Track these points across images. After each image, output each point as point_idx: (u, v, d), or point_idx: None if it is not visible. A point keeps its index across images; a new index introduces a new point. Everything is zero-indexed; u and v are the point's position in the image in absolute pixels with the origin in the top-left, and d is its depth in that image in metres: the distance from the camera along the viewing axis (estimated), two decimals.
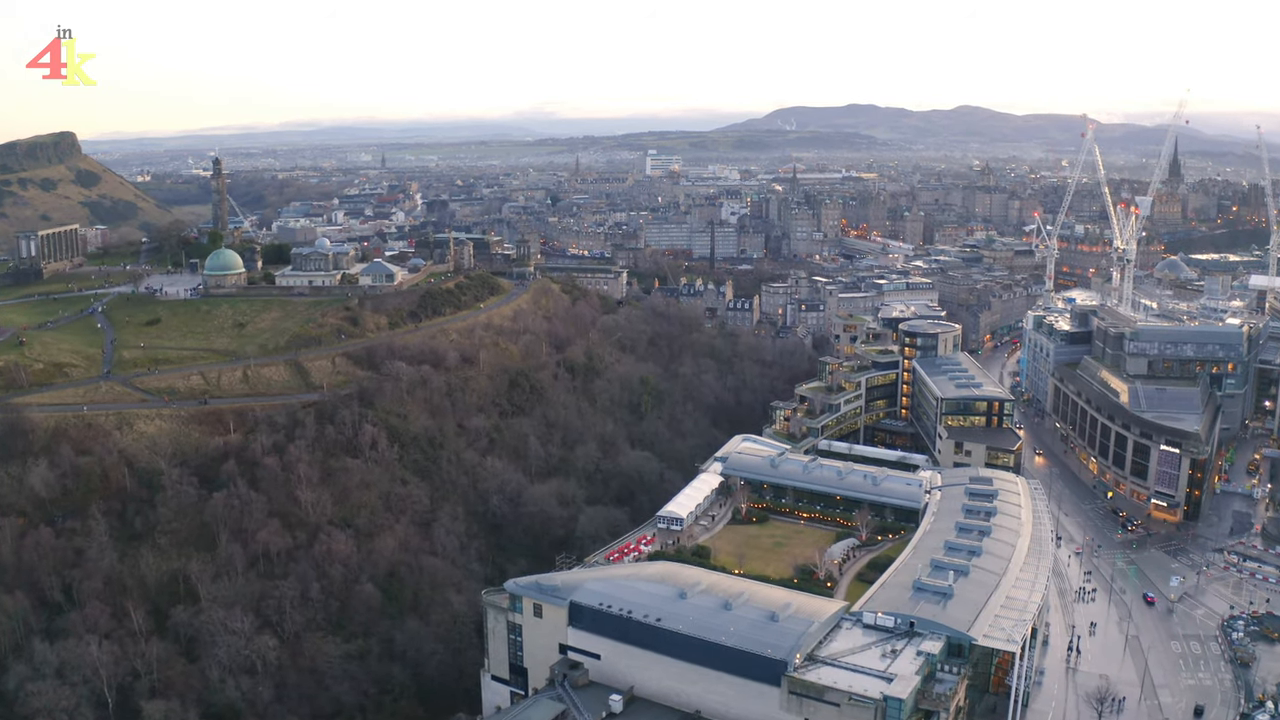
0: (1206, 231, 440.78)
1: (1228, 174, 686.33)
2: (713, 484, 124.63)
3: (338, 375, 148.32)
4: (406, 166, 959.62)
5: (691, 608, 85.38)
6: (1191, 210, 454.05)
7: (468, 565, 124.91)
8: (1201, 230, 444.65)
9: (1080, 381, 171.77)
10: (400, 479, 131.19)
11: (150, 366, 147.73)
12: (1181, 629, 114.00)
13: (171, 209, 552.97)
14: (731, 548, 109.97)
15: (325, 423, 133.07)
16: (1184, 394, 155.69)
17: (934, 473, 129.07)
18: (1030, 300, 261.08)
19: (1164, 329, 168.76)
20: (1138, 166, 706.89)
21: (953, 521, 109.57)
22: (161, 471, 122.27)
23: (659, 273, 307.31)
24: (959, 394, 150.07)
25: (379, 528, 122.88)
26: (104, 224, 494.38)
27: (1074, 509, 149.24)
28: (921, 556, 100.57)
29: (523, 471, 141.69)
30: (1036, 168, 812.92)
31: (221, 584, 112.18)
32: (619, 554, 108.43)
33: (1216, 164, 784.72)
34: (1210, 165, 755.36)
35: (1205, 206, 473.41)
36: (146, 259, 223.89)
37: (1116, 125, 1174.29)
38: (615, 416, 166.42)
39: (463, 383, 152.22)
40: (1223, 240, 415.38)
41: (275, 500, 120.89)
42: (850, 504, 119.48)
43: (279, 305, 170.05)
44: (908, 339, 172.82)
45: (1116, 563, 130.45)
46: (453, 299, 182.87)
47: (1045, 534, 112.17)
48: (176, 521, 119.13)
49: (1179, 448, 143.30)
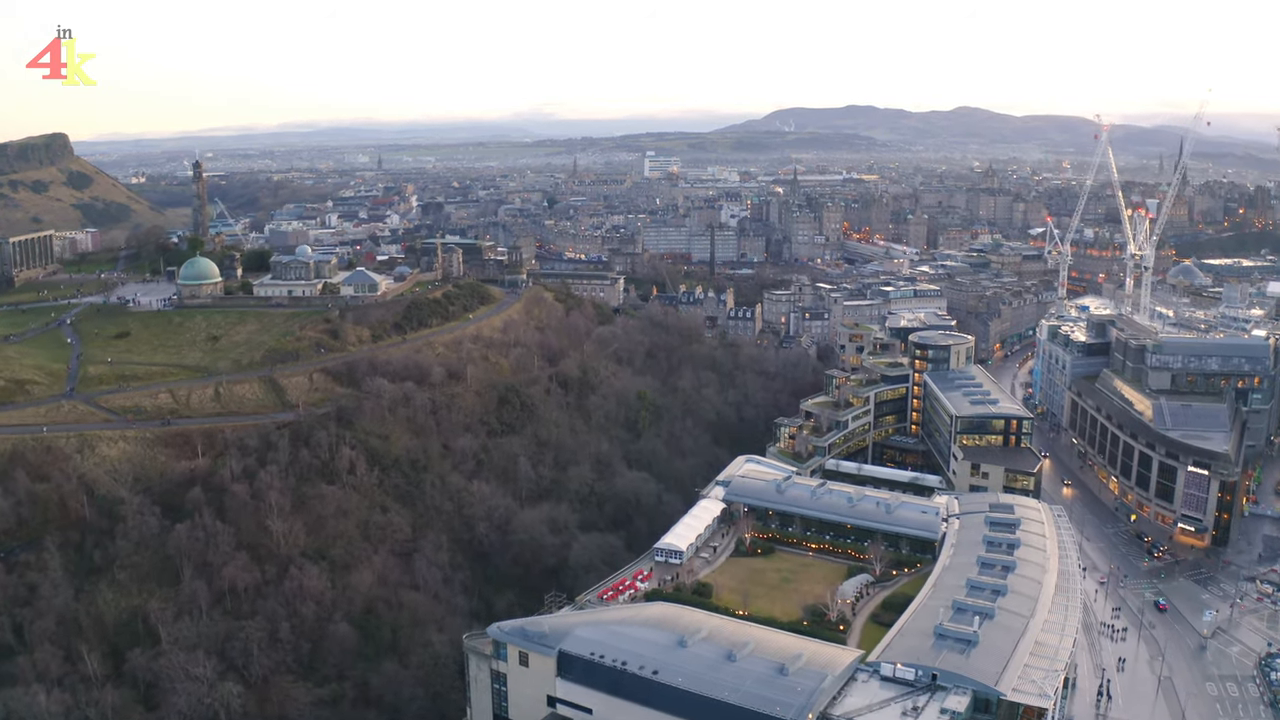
0: (1214, 235, 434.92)
1: (1229, 176, 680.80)
2: (714, 511, 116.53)
3: (315, 393, 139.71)
4: (403, 168, 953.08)
5: (692, 658, 77.88)
6: (1198, 213, 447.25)
7: (451, 599, 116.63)
8: (1209, 233, 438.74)
9: (1099, 396, 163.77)
10: (380, 506, 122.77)
11: (117, 383, 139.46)
12: (1217, 668, 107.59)
13: (165, 211, 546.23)
14: (735, 584, 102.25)
15: (300, 445, 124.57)
16: (1210, 410, 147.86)
17: (951, 498, 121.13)
18: (1041, 307, 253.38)
19: (1188, 341, 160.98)
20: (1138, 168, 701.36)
21: (974, 555, 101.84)
22: (123, 500, 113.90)
23: (657, 279, 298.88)
24: (974, 412, 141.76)
25: (356, 560, 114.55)
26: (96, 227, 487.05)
27: (1096, 533, 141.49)
28: (942, 596, 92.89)
29: (512, 495, 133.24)
30: (1038, 169, 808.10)
31: (184, 624, 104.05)
32: (613, 591, 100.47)
33: (1217, 165, 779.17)
34: (1211, 167, 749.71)
35: (1212, 209, 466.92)
36: (124, 266, 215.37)
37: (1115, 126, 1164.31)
38: (611, 434, 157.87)
39: (448, 400, 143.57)
40: (1230, 244, 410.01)
41: (243, 531, 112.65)
42: (862, 534, 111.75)
43: (255, 317, 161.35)
44: (918, 351, 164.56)
45: (1144, 594, 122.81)
46: (440, 309, 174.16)
47: (1073, 568, 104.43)
48: (137, 555, 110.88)
49: (1207, 469, 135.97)
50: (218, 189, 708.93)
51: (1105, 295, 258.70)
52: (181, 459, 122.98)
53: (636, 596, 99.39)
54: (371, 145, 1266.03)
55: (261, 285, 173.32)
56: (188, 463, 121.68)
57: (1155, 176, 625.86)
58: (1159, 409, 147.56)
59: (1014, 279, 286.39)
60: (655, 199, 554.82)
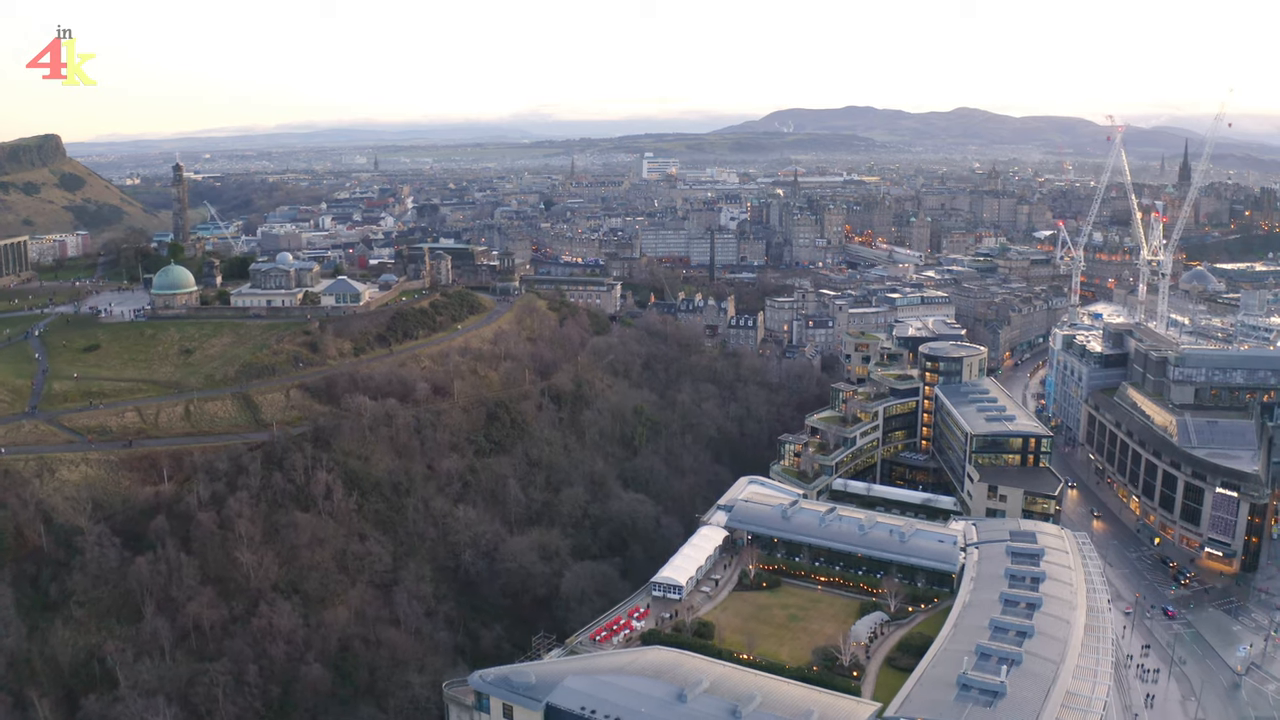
0: (1220, 237, 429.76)
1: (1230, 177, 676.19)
2: (715, 540, 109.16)
3: (292, 410, 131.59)
4: (400, 169, 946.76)
5: (693, 715, 70.58)
6: (1204, 215, 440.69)
7: (434, 634, 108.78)
8: (1215, 235, 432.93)
9: (1119, 411, 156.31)
10: (358, 533, 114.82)
11: (84, 400, 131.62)
12: (1254, 708, 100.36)
13: (159, 213, 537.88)
14: (739, 622, 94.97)
15: (273, 468, 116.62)
16: (1237, 428, 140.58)
17: (968, 525, 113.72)
18: (1051, 314, 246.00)
19: (1212, 353, 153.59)
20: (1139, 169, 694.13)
21: (996, 592, 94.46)
22: (82, 530, 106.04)
23: (655, 284, 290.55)
24: (991, 429, 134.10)
25: (331, 594, 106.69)
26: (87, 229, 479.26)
27: (1119, 557, 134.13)
28: (963, 640, 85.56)
29: (500, 520, 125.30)
30: (1039, 170, 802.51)
31: (144, 666, 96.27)
32: (607, 631, 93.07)
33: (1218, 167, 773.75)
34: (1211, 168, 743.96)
35: (1218, 211, 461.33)
36: (103, 273, 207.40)
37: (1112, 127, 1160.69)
38: (606, 452, 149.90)
39: (434, 417, 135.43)
40: (1236, 246, 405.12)
41: (210, 563, 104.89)
42: (875, 565, 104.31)
43: (232, 329, 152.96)
44: (929, 363, 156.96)
45: (1173, 626, 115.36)
46: (426, 320, 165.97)
47: (1103, 604, 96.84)
48: (95, 589, 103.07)
49: (1236, 490, 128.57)
50: (213, 191, 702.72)
51: (1117, 301, 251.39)
52: (146, 484, 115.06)
53: (632, 637, 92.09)
54: (370, 146, 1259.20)
55: (239, 295, 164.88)
56: (152, 488, 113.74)
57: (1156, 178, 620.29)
58: (1183, 425, 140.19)
59: (1022, 284, 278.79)
60: (653, 201, 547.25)
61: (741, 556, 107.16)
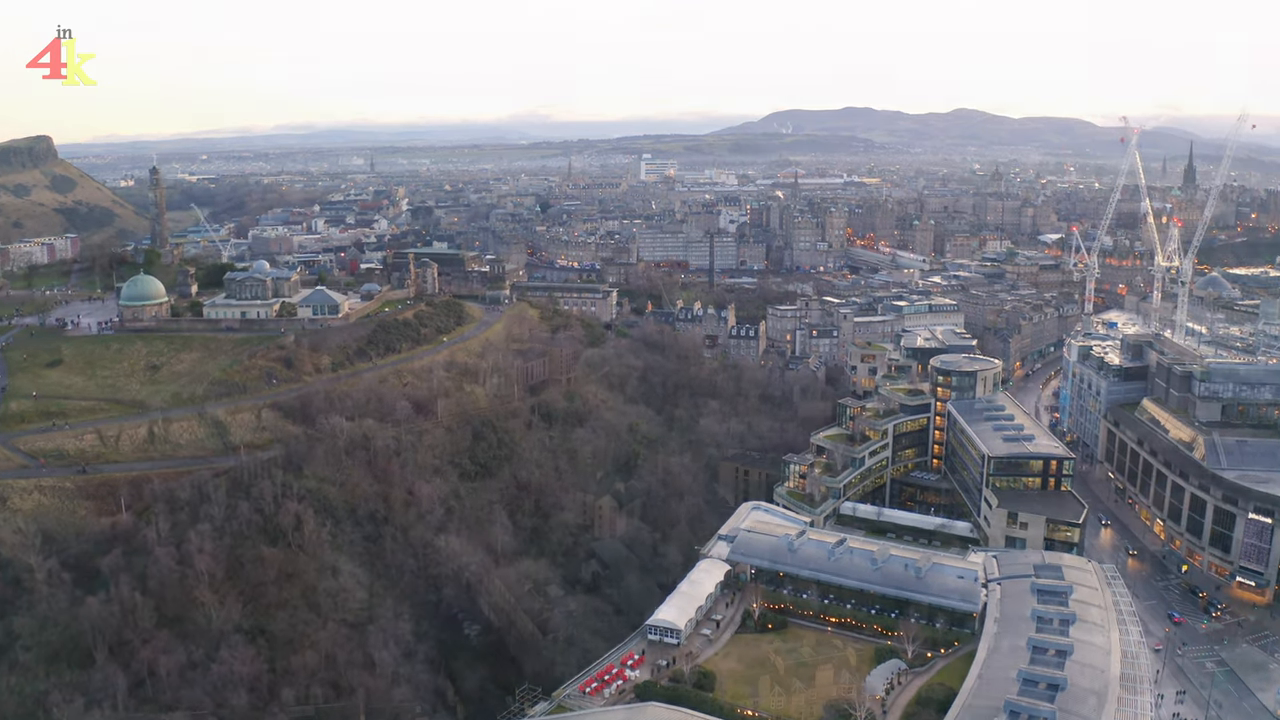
0: (1227, 240, 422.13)
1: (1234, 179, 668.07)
2: (716, 576, 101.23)
3: (262, 432, 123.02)
4: (396, 170, 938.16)
5: None
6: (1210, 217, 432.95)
7: (413, 676, 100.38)
8: (1221, 238, 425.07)
9: (1140, 428, 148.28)
10: (330, 567, 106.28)
11: (43, 421, 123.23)
12: None
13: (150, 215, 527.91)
14: (742, 670, 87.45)
15: (239, 497, 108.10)
16: (1269, 447, 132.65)
17: (989, 557, 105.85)
18: (1062, 322, 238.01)
19: (1239, 367, 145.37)
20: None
21: (1024, 636, 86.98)
22: (30, 566, 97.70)
23: (652, 290, 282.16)
24: (1009, 451, 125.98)
25: (299, 636, 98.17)
26: (78, 231, 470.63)
27: (1144, 587, 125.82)
28: (989, 694, 78.25)
29: (485, 550, 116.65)
30: (1040, 171, 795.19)
31: (93, 716, 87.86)
32: (598, 682, 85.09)
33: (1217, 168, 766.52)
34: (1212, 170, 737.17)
35: (1224, 213, 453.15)
36: (76, 281, 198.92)
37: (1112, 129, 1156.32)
38: (600, 473, 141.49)
39: (415, 438, 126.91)
40: (1243, 249, 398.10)
41: (167, 603, 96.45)
42: (889, 603, 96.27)
43: (202, 343, 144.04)
44: (941, 378, 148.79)
45: (1205, 665, 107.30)
46: (410, 332, 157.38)
47: (1137, 646, 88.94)
48: (44, 631, 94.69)
49: (1271, 516, 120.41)
50: (207, 193, 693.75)
51: (1129, 309, 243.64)
52: (103, 513, 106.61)
53: (625, 689, 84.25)
54: (367, 147, 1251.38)
55: (212, 306, 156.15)
56: (109, 519, 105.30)
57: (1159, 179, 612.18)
58: (1211, 445, 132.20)
59: (1032, 291, 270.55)
60: (651, 203, 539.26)
61: (745, 594, 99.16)
